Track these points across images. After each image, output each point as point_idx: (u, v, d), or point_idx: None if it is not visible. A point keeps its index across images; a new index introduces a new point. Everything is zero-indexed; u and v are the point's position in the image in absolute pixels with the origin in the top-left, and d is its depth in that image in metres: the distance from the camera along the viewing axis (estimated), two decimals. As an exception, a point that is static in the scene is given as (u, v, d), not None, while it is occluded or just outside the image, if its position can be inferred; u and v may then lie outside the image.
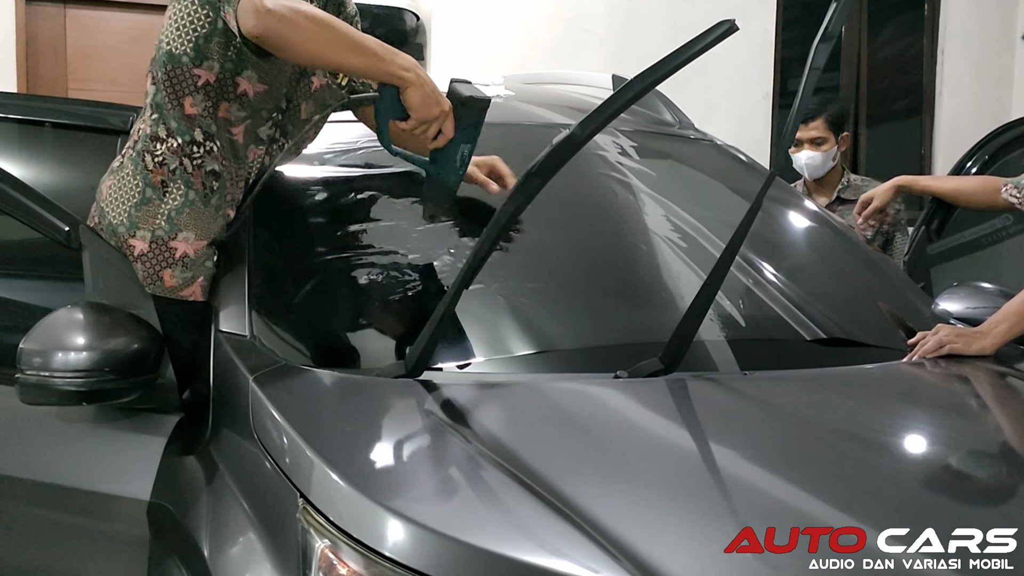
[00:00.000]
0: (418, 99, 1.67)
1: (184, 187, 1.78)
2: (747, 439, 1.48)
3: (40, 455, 1.79)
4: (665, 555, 1.13)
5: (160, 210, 1.77)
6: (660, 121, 2.65)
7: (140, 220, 1.77)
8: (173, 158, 1.77)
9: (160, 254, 1.77)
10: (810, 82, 1.58)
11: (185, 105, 1.75)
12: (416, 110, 1.67)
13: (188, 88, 1.74)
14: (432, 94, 1.68)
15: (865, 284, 2.24)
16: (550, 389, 1.62)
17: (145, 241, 1.77)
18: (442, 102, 1.69)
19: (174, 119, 1.76)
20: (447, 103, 1.70)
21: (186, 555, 1.48)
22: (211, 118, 1.77)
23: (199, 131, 1.77)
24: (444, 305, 1.45)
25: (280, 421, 1.40)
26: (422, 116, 1.68)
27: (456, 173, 1.77)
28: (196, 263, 1.79)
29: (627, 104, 1.44)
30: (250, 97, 1.78)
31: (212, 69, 1.74)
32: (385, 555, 1.16)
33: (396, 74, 1.66)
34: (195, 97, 1.74)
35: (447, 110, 1.69)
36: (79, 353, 1.60)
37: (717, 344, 1.78)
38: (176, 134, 1.76)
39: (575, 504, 1.20)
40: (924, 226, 2.83)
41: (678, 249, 2.00)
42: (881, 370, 1.84)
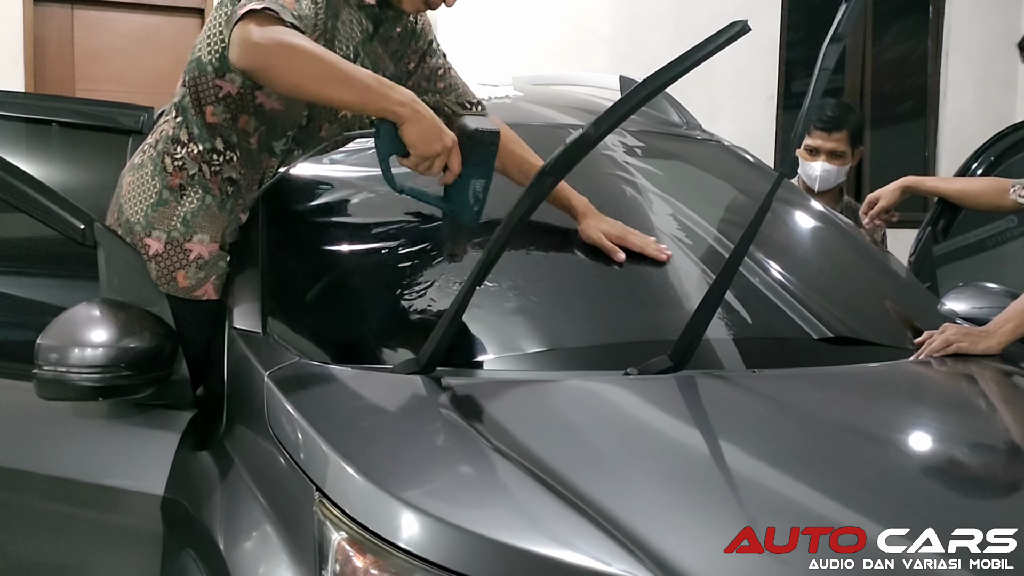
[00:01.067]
0: (415, 135, 1.59)
1: (202, 191, 1.79)
2: (754, 436, 1.50)
3: (55, 450, 1.81)
4: (675, 548, 1.15)
5: (176, 212, 1.79)
6: (667, 122, 2.66)
7: (156, 220, 1.79)
8: (193, 163, 1.78)
9: (174, 255, 1.79)
10: (820, 83, 1.59)
11: (207, 113, 1.77)
12: (415, 146, 1.60)
13: (210, 97, 1.76)
14: (431, 128, 1.59)
15: (871, 284, 2.25)
16: (561, 386, 1.64)
17: (160, 241, 1.79)
18: (444, 137, 1.60)
19: (196, 125, 1.78)
20: (450, 137, 1.61)
21: (201, 549, 1.49)
22: (231, 128, 1.78)
23: (220, 140, 1.78)
24: (457, 303, 1.47)
25: (295, 416, 1.42)
26: (422, 152, 1.60)
27: (471, 210, 1.68)
28: (209, 264, 1.81)
29: (639, 104, 1.46)
30: (266, 110, 1.79)
31: (234, 82, 1.75)
32: (401, 547, 1.17)
33: (390, 109, 1.58)
34: (216, 107, 1.76)
35: (450, 145, 1.61)
36: (95, 349, 1.61)
37: (725, 342, 1.79)
38: (198, 140, 1.78)
39: (587, 497, 1.21)
40: (930, 227, 2.84)
41: (686, 248, 2.01)
42: (887, 368, 1.85)
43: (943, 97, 6.35)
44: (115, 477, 1.75)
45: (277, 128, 1.83)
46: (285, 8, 1.58)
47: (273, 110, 1.79)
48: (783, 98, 5.91)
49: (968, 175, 2.98)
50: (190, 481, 1.64)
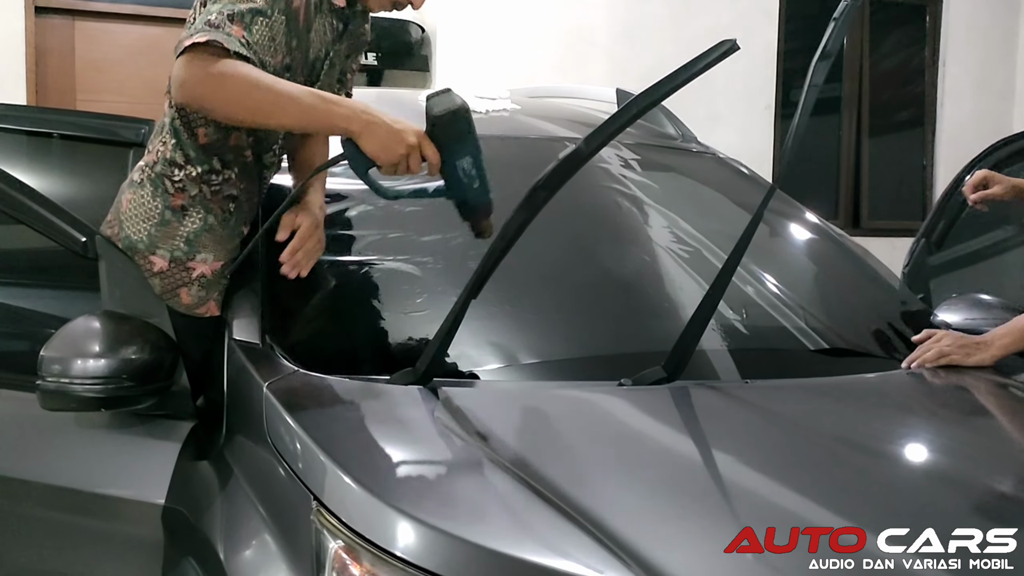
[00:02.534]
0: (373, 146, 1.58)
1: (204, 212, 1.80)
2: (748, 445, 1.51)
3: (58, 460, 1.82)
4: (669, 557, 1.16)
5: (179, 232, 1.80)
6: (662, 134, 2.69)
7: (159, 240, 1.80)
8: (193, 185, 1.79)
9: (178, 273, 1.80)
10: (809, 99, 1.63)
11: (199, 136, 1.77)
12: (378, 156, 1.59)
13: (199, 120, 1.76)
14: (387, 135, 1.57)
15: (864, 295, 2.27)
16: (556, 396, 1.66)
17: (164, 260, 1.80)
18: (405, 136, 1.58)
19: (191, 148, 1.77)
20: (411, 136, 1.58)
21: (201, 557, 1.51)
22: (224, 147, 1.79)
23: (216, 160, 1.79)
24: (453, 314, 1.49)
25: (294, 427, 1.44)
26: (387, 160, 1.59)
27: (472, 190, 1.63)
28: (212, 282, 1.82)
29: (631, 120, 1.48)
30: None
31: None
32: (397, 555, 1.18)
33: (339, 125, 1.58)
34: (207, 129, 1.76)
35: (415, 141, 1.58)
36: (97, 361, 1.64)
37: (719, 353, 1.81)
38: (195, 163, 1.78)
39: (581, 506, 1.23)
40: (924, 238, 2.86)
41: (680, 260, 2.03)
42: (880, 379, 1.87)
43: (940, 106, 6.37)
44: (116, 486, 1.77)
45: (265, 141, 1.85)
46: (232, 37, 1.56)
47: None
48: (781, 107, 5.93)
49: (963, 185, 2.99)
50: (190, 490, 1.66)
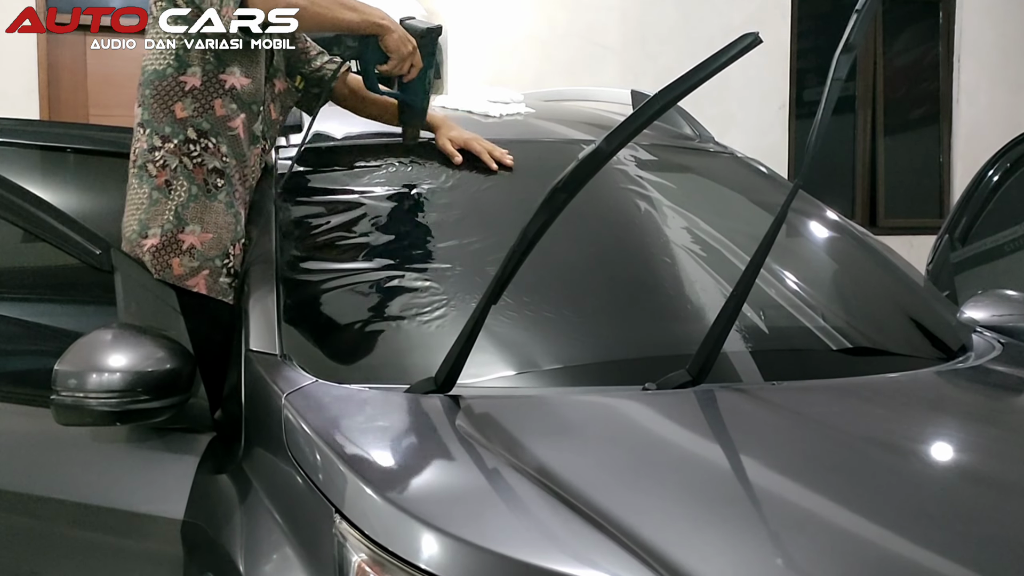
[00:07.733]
0: (394, 42, 2.01)
1: (187, 183, 1.89)
2: (778, 448, 1.49)
3: (74, 476, 1.81)
4: (698, 564, 1.13)
5: (167, 206, 1.88)
6: (680, 135, 2.66)
7: (150, 220, 1.87)
8: (172, 158, 1.89)
9: (169, 245, 1.87)
10: (832, 93, 1.59)
11: (176, 110, 1.89)
12: (395, 52, 2.02)
13: (176, 95, 1.89)
14: (403, 36, 2.02)
15: (889, 293, 2.24)
16: (579, 402, 1.63)
17: (156, 237, 1.86)
18: (410, 40, 2.02)
19: (168, 125, 1.89)
20: (414, 40, 2.03)
21: (221, 572, 1.49)
22: (202, 117, 1.90)
23: (192, 130, 1.89)
24: (472, 321, 1.46)
25: (313, 438, 1.42)
26: (401, 54, 2.02)
27: (423, 97, 2.13)
28: (203, 255, 1.89)
29: (652, 118, 1.46)
30: (238, 90, 1.93)
31: (196, 74, 1.89)
32: (421, 567, 1.16)
33: (378, 23, 1.99)
34: (184, 101, 1.89)
35: (415, 47, 2.03)
36: (113, 374, 1.62)
37: (744, 355, 1.78)
38: (171, 137, 1.89)
39: (609, 515, 1.20)
40: (948, 234, 2.82)
41: (702, 262, 2.01)
42: (907, 379, 1.84)
43: (956, 102, 6.33)
44: (134, 502, 1.75)
45: (252, 106, 1.96)
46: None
47: (243, 87, 1.93)
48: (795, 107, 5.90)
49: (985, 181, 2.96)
50: (209, 504, 1.64)
